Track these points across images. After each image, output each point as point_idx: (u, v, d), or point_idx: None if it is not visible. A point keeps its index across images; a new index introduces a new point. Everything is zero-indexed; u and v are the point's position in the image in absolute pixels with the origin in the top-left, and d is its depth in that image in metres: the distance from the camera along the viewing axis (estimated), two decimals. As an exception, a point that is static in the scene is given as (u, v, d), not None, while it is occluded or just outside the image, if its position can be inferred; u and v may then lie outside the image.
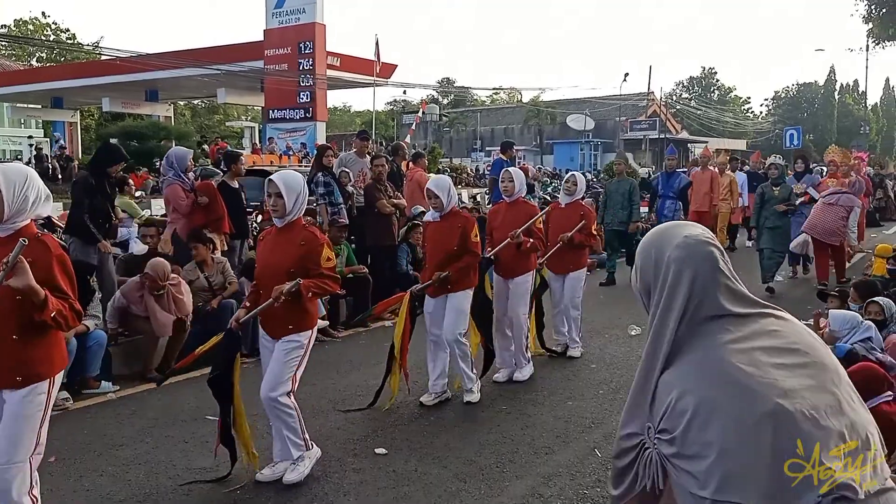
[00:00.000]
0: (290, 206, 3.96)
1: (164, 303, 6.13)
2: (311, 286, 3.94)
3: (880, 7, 16.84)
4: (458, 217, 5.35)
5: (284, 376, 4.00)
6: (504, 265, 5.91)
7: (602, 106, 46.67)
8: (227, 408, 4.08)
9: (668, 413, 1.64)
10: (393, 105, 61.36)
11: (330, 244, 4.16)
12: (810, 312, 6.63)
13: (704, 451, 1.58)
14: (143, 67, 28.11)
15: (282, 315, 3.98)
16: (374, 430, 4.85)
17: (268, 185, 4.01)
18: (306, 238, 4.00)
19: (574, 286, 6.70)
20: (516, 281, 5.93)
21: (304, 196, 4.07)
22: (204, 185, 7.46)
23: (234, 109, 47.18)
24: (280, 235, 4.07)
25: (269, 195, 3.99)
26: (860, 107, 59.95)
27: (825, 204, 9.42)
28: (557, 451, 4.52)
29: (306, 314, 4.08)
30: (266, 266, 4.11)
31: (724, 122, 57.94)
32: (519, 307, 5.95)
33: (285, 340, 4.02)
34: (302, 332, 4.05)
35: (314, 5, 26.47)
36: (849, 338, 4.78)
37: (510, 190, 5.94)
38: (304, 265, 3.95)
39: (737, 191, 13.24)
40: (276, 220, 4.05)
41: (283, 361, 4.01)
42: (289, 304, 3.92)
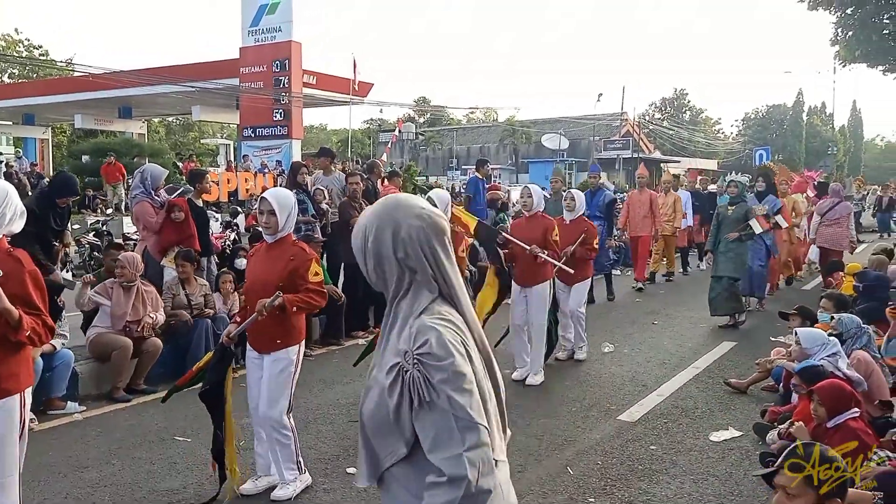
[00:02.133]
0: (282, 223, 4.04)
1: (131, 296, 6.13)
2: (297, 300, 3.98)
3: (846, 30, 17.23)
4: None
5: (281, 395, 4.05)
6: (522, 275, 6.31)
7: (576, 126, 47.12)
8: (219, 422, 4.08)
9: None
10: (369, 123, 61.47)
11: (318, 259, 4.22)
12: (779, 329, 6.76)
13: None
14: (116, 84, 27.88)
15: (269, 330, 4.01)
16: (345, 450, 4.81)
17: (260, 202, 4.13)
18: (295, 253, 4.07)
19: (580, 294, 7.23)
20: (534, 290, 6.31)
21: (295, 213, 4.17)
22: (179, 201, 7.38)
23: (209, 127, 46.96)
24: (270, 251, 4.12)
25: (262, 212, 4.07)
26: (828, 128, 61.16)
27: (830, 221, 10.58)
28: (530, 468, 4.51)
29: (294, 329, 4.12)
30: (255, 281, 4.15)
31: (696, 143, 58.74)
32: (538, 315, 6.31)
33: (274, 358, 4.06)
34: (290, 347, 4.09)
35: (290, 24, 26.50)
36: (819, 353, 4.86)
37: (529, 205, 6.42)
38: (293, 280, 4.00)
39: (680, 210, 12.58)
40: (268, 236, 4.12)
41: (276, 381, 4.05)
42: (276, 319, 3.96)
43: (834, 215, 10.72)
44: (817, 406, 3.96)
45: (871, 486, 3.39)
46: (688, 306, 10.08)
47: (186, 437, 5.02)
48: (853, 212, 11.26)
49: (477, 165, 12.55)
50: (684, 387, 6.33)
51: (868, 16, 16.29)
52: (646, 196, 11.45)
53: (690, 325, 8.96)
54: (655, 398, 5.98)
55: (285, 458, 4.09)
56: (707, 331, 8.60)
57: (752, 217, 8.80)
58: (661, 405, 5.81)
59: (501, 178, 37.71)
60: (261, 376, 4.12)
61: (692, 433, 5.16)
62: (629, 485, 4.28)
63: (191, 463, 4.60)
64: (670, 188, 12.65)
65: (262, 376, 4.11)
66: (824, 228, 10.79)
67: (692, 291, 11.10)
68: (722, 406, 5.78)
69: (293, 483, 4.11)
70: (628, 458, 4.69)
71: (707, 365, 7.06)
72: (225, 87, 26.97)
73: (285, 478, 4.11)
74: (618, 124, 47.15)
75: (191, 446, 4.88)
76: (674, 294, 11.51)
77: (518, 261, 6.35)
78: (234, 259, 7.91)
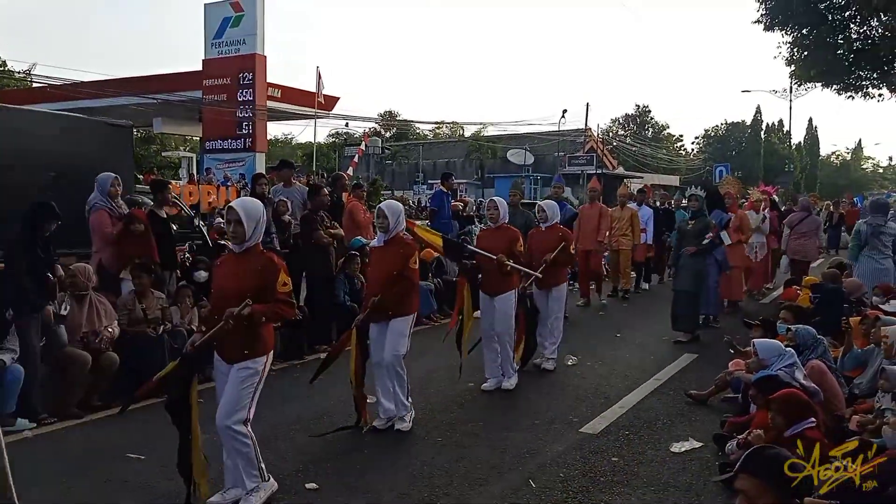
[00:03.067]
0: (249, 233, 4.00)
1: (84, 307, 6.01)
2: (265, 311, 3.95)
3: (802, 50, 17.65)
4: (401, 243, 5.44)
5: (241, 404, 3.99)
6: (489, 284, 6.49)
7: (541, 141, 47.52)
8: (185, 434, 4.00)
9: None
10: (335, 137, 61.21)
11: (287, 269, 4.16)
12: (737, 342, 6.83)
13: None
14: (75, 95, 27.44)
15: (236, 340, 3.97)
16: (305, 465, 4.73)
17: (228, 211, 4.07)
18: (264, 263, 4.03)
19: (558, 298, 7.45)
20: (500, 298, 6.50)
21: (263, 223, 4.12)
22: (138, 213, 7.25)
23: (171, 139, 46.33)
24: (238, 261, 4.08)
25: (229, 222, 4.02)
26: (785, 146, 62.57)
27: (799, 234, 11.07)
28: (492, 482, 4.48)
29: (261, 339, 4.08)
30: (222, 290, 4.09)
31: (658, 159, 59.70)
32: (505, 322, 6.51)
33: (240, 367, 4.01)
34: (257, 358, 4.04)
35: (255, 37, 26.36)
36: (776, 364, 4.92)
37: (496, 217, 6.65)
38: (261, 290, 3.97)
39: (638, 226, 12.14)
40: (235, 245, 4.08)
41: (238, 389, 3.99)
42: (243, 329, 3.92)
43: (803, 228, 11.16)
44: (775, 415, 4.00)
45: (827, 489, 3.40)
46: (651, 320, 10.17)
47: (140, 454, 4.89)
48: (821, 223, 11.97)
49: (442, 179, 12.56)
50: (646, 399, 6.37)
51: (822, 36, 16.74)
52: (595, 209, 11.37)
53: (653, 338, 9.03)
54: (618, 410, 6.00)
55: (245, 465, 4.03)
56: (669, 344, 8.68)
57: (711, 231, 8.86)
58: (623, 417, 5.83)
59: (467, 192, 37.83)
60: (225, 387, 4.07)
61: (653, 444, 5.18)
62: (590, 497, 4.28)
63: (144, 481, 4.48)
64: (626, 202, 12.35)
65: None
66: (794, 240, 11.22)
67: (655, 305, 11.21)
68: (683, 417, 5.82)
69: (256, 493, 4.05)
70: (590, 469, 4.69)
71: (669, 377, 7.11)
72: (187, 100, 26.69)
73: (247, 486, 4.04)
74: (582, 140, 47.68)
75: (145, 464, 4.75)
76: (637, 308, 11.61)
77: (485, 271, 6.50)
78: (194, 272, 7.75)
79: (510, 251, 6.47)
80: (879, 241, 8.65)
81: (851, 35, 17.04)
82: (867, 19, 16.55)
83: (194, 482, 4.02)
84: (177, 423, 4.00)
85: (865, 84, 17.96)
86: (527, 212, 9.96)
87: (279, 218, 8.44)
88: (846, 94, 18.35)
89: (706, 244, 8.76)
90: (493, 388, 6.56)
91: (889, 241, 8.72)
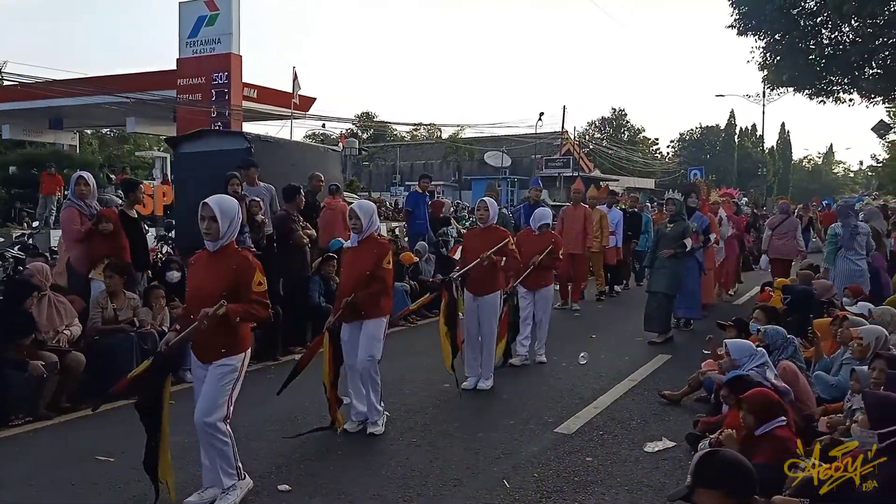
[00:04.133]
0: (223, 230, 3.96)
1: (43, 306, 5.92)
2: (240, 310, 3.91)
3: (774, 55, 17.85)
4: (375, 243, 5.40)
5: (219, 401, 3.95)
6: (474, 284, 6.51)
7: (518, 144, 47.66)
8: (154, 433, 3.95)
9: None
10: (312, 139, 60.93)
11: (262, 269, 4.13)
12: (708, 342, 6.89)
13: None
14: (47, 94, 26.96)
15: (212, 339, 3.94)
16: (277, 467, 4.68)
17: (202, 208, 3.98)
18: (239, 262, 4.00)
19: (545, 299, 7.68)
20: (485, 299, 6.58)
21: (238, 221, 4.08)
22: (108, 212, 7.13)
23: (144, 139, 45.81)
24: (212, 259, 4.03)
25: (203, 218, 3.96)
26: (758, 150, 63.40)
27: (780, 234, 11.61)
28: (466, 482, 4.47)
29: (239, 337, 4.04)
30: (197, 289, 4.05)
31: (634, 162, 60.09)
32: (489, 323, 6.59)
33: (218, 364, 3.97)
34: (235, 356, 4.01)
35: (230, 36, 26.07)
36: (747, 364, 4.97)
37: (485, 218, 6.70)
38: (236, 289, 3.93)
39: (607, 227, 12.15)
40: (209, 243, 4.02)
41: (216, 386, 3.96)
42: (219, 328, 3.88)
43: (783, 229, 11.69)
44: (746, 414, 4.03)
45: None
46: (624, 321, 10.23)
47: (109, 457, 4.81)
48: (800, 225, 12.59)
49: (419, 179, 12.57)
50: (621, 399, 6.40)
51: (794, 42, 16.95)
52: (580, 212, 11.32)
53: (627, 339, 9.08)
54: (592, 410, 6.02)
55: (223, 463, 4.00)
56: (643, 344, 8.73)
57: (689, 235, 8.92)
58: (597, 417, 5.85)
59: (444, 194, 37.82)
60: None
61: (627, 444, 5.20)
62: (565, 496, 4.28)
63: (113, 483, 4.41)
64: (595, 204, 12.20)
65: None
66: (776, 241, 11.71)
67: (630, 307, 11.27)
68: (657, 417, 5.86)
69: (233, 491, 4.02)
70: (564, 470, 4.69)
71: (643, 378, 7.16)
72: (161, 99, 26.37)
73: (224, 484, 4.01)
74: (559, 143, 47.91)
75: (114, 466, 4.68)
76: (612, 309, 11.68)
77: (471, 271, 6.47)
78: (166, 272, 7.65)
79: (500, 252, 6.49)
80: (855, 242, 8.79)
81: (823, 40, 17.27)
82: (838, 25, 16.79)
83: (162, 482, 3.99)
84: (146, 422, 3.96)
85: (836, 89, 18.22)
86: (504, 213, 9.95)
87: (252, 218, 8.36)
88: (818, 98, 18.59)
89: (683, 248, 8.79)
90: (472, 386, 6.57)
91: (864, 242, 8.88)
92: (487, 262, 6.37)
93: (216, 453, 3.99)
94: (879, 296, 8.26)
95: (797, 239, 11.81)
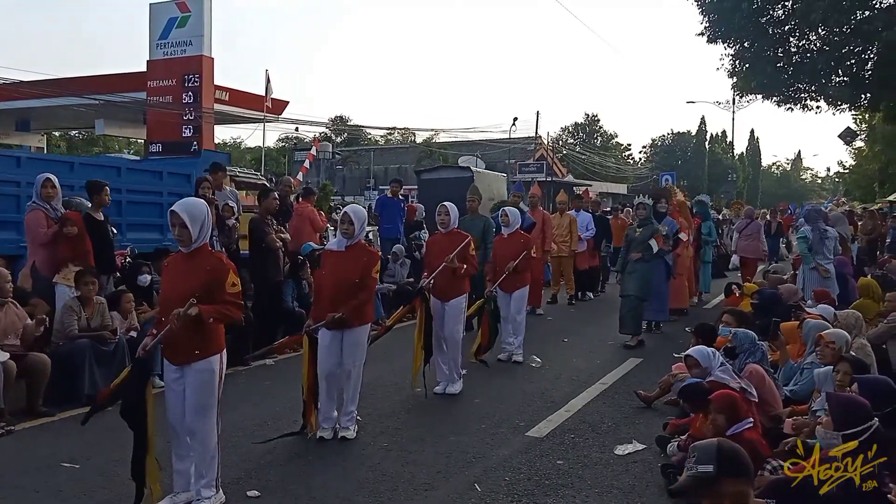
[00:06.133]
0: (195, 235, 3.94)
1: (4, 312, 5.84)
2: (213, 311, 3.88)
3: (743, 63, 18.08)
4: (364, 251, 5.36)
5: (210, 404, 3.97)
6: (439, 289, 6.53)
7: (492, 148, 47.81)
8: (141, 439, 3.90)
9: None
10: (285, 142, 60.53)
11: (236, 270, 4.11)
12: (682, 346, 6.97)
13: None
14: (13, 95, 26.53)
15: (186, 341, 3.90)
16: (247, 472, 4.63)
17: (171, 216, 3.95)
18: (213, 264, 3.98)
19: (520, 300, 7.93)
20: (451, 303, 6.60)
21: (209, 222, 4.04)
22: (72, 215, 7.01)
23: (114, 142, 45.23)
24: (186, 262, 4.01)
25: (174, 226, 3.94)
26: (728, 156, 64.24)
27: (745, 236, 13.55)
28: (437, 487, 4.46)
29: (213, 338, 4.00)
30: (171, 292, 4.02)
31: (607, 167, 60.56)
32: (454, 327, 6.60)
33: (196, 369, 3.95)
34: (210, 357, 3.98)
35: (201, 38, 25.84)
36: (715, 368, 5.03)
37: (447, 222, 6.70)
38: (210, 291, 3.91)
39: (576, 232, 12.22)
40: (183, 247, 4.01)
41: (203, 391, 3.95)
42: (192, 329, 3.85)
43: (748, 231, 13.59)
44: (716, 415, 4.07)
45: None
46: (597, 325, 10.29)
47: (74, 463, 4.72)
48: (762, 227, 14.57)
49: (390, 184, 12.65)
50: (592, 402, 6.43)
51: (762, 49, 17.19)
52: (538, 216, 11.31)
53: (599, 342, 9.14)
54: (564, 414, 6.04)
55: (209, 473, 3.99)
56: (615, 348, 8.79)
57: (655, 238, 9.00)
58: (568, 421, 5.87)
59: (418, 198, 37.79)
60: (181, 390, 3.98)
61: (598, 447, 5.23)
62: (535, 500, 4.29)
63: (78, 491, 4.33)
64: (564, 209, 12.37)
65: (182, 389, 3.98)
66: (743, 242, 13.65)
67: (601, 311, 11.35)
68: (627, 420, 5.89)
69: (209, 500, 3.99)
70: (535, 473, 4.70)
71: (614, 381, 7.20)
72: (131, 101, 26.05)
73: (202, 494, 3.96)
74: (532, 148, 48.14)
75: (79, 473, 4.59)
76: (583, 313, 11.74)
77: (437, 277, 6.47)
78: (138, 276, 7.52)
79: (461, 255, 6.51)
80: (823, 246, 8.95)
81: (790, 49, 17.51)
82: (805, 33, 17.05)
83: (148, 488, 3.93)
84: (133, 428, 3.91)
85: (804, 96, 18.46)
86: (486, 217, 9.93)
87: (223, 222, 8.28)
88: (785, 105, 18.84)
89: (649, 251, 8.87)
90: (442, 391, 6.58)
91: (832, 246, 9.04)
92: (451, 266, 6.39)
93: (203, 463, 3.97)
94: (846, 300, 8.41)
95: (761, 241, 13.65)
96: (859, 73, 16.90)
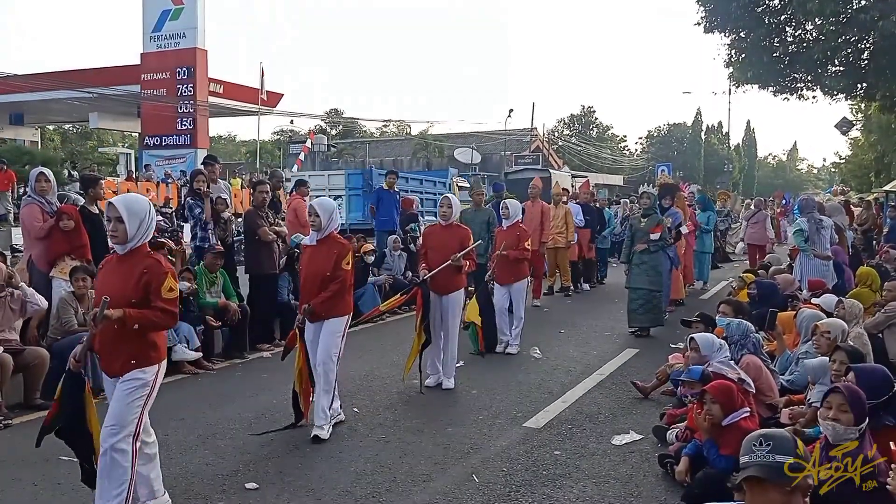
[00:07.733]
0: (132, 232, 3.62)
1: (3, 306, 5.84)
2: (139, 316, 3.57)
3: (739, 52, 18.06)
4: (335, 243, 5.29)
5: (127, 419, 3.58)
6: (438, 283, 6.42)
7: (488, 140, 47.73)
8: (87, 454, 3.71)
9: None
10: (280, 135, 60.37)
11: (175, 273, 3.81)
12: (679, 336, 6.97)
13: None
14: (6, 89, 26.41)
15: (118, 349, 3.61)
16: (245, 465, 4.63)
17: (108, 209, 3.69)
18: (149, 266, 3.65)
19: (519, 293, 7.96)
20: (449, 297, 6.53)
21: (150, 222, 3.70)
22: (68, 209, 6.98)
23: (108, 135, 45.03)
24: (121, 263, 3.70)
25: (110, 220, 3.64)
26: (724, 147, 64.22)
27: (752, 224, 14.55)
28: (435, 478, 4.46)
29: (151, 347, 3.69)
30: (104, 295, 3.58)
31: (603, 159, 60.50)
32: (452, 321, 6.57)
33: (126, 378, 3.61)
34: (146, 368, 3.65)
35: (195, 31, 25.76)
36: (715, 357, 5.04)
37: (448, 215, 6.64)
38: (145, 295, 3.61)
39: (572, 223, 12.17)
40: (117, 246, 3.69)
41: (125, 403, 3.59)
42: (125, 337, 3.57)
43: (755, 220, 14.57)
44: (711, 405, 4.07)
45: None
46: (593, 316, 10.30)
47: (73, 457, 4.70)
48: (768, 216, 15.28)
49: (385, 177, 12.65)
50: (589, 393, 6.44)
51: (759, 39, 17.17)
52: (538, 208, 11.25)
53: (595, 333, 9.15)
54: (561, 405, 6.05)
55: (113, 484, 3.57)
56: (612, 339, 8.81)
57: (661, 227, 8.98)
58: (566, 411, 5.88)
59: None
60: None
61: (595, 438, 5.24)
62: (533, 490, 4.30)
63: (77, 483, 4.30)
64: (560, 201, 12.23)
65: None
66: (751, 230, 14.65)
67: (598, 301, 11.37)
68: (624, 411, 5.90)
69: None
70: (533, 464, 4.71)
71: (611, 371, 7.21)
72: (125, 94, 25.95)
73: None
74: (528, 140, 48.09)
75: (76, 466, 4.56)
76: (580, 304, 11.75)
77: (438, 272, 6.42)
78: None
79: (461, 249, 6.47)
80: (820, 236, 8.95)
81: (787, 38, 17.50)
82: (802, 23, 17.03)
83: None
84: (73, 446, 3.71)
85: (800, 86, 18.44)
86: (490, 209, 9.98)
87: (218, 216, 8.26)
88: (782, 95, 18.83)
89: (654, 241, 8.85)
90: (434, 384, 6.55)
91: (827, 236, 9.04)
92: (457, 264, 6.38)
93: (108, 473, 3.56)
94: (842, 289, 8.42)
95: (767, 229, 14.68)
96: (855, 62, 16.90)
